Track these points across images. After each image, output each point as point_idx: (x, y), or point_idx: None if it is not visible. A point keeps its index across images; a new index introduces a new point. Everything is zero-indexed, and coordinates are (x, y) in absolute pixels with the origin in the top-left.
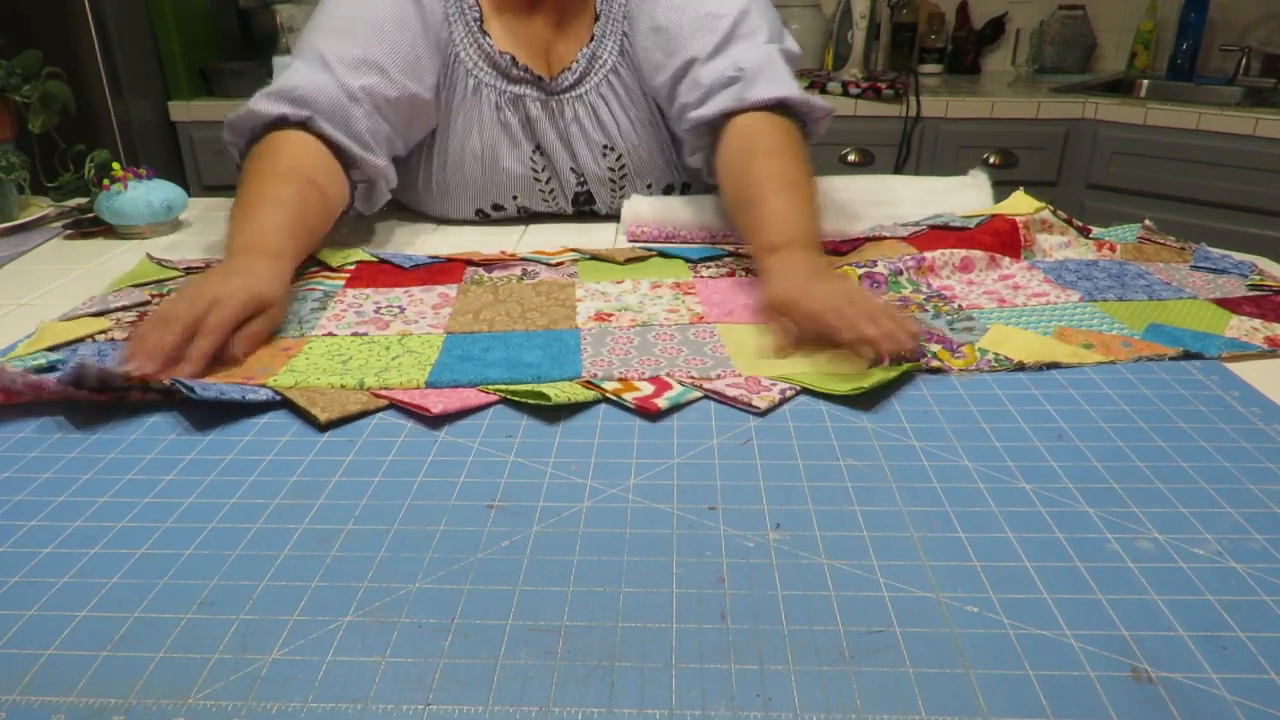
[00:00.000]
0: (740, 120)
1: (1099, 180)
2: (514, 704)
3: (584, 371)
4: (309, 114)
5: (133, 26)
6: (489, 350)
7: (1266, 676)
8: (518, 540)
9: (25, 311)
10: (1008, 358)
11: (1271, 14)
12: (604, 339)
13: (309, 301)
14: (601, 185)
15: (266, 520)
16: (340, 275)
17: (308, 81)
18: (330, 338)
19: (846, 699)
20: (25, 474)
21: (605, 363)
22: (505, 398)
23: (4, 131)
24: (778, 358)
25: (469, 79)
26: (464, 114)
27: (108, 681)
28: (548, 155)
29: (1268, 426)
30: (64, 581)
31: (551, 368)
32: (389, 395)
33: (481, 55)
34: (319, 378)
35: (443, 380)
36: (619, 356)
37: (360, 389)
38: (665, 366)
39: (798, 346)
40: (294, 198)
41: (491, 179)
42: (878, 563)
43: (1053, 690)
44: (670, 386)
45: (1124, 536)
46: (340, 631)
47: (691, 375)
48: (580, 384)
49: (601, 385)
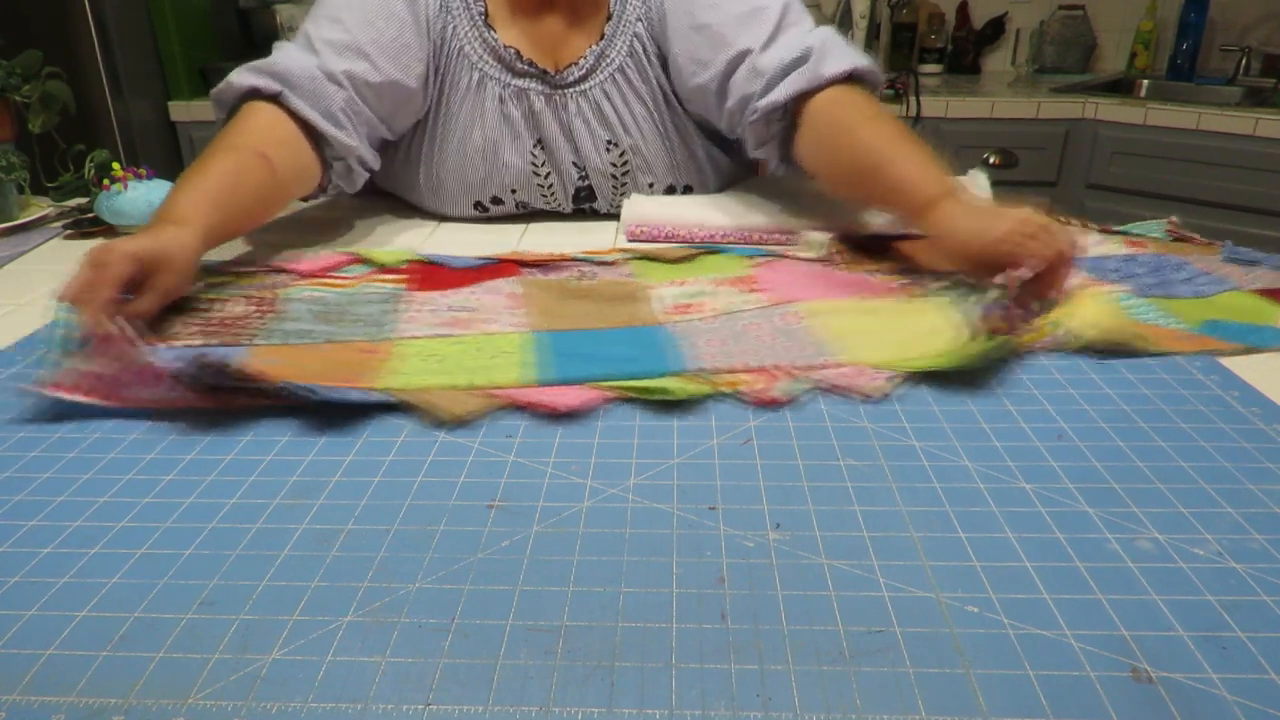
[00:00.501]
0: (820, 98)
1: (1099, 180)
2: (514, 704)
3: (689, 365)
4: (280, 89)
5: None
6: (581, 347)
7: (1266, 677)
8: (518, 540)
9: (25, 311)
10: (1077, 334)
11: (1271, 14)
12: (692, 331)
13: (375, 304)
14: (604, 180)
15: (266, 520)
16: (396, 276)
17: (288, 59)
18: (414, 340)
19: (846, 699)
20: (25, 474)
21: (708, 355)
22: (622, 394)
23: (4, 131)
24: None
25: (473, 73)
26: (466, 108)
27: (108, 681)
28: (549, 149)
29: (1268, 426)
30: (64, 581)
31: (655, 362)
32: (508, 395)
33: (486, 49)
34: (423, 378)
35: (554, 379)
36: (716, 347)
37: (471, 389)
38: (767, 356)
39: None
40: (232, 168)
41: (492, 173)
42: (878, 563)
43: (1053, 690)
44: (778, 378)
45: (1124, 536)
46: (340, 631)
47: (795, 366)
48: (689, 378)
49: (712, 380)
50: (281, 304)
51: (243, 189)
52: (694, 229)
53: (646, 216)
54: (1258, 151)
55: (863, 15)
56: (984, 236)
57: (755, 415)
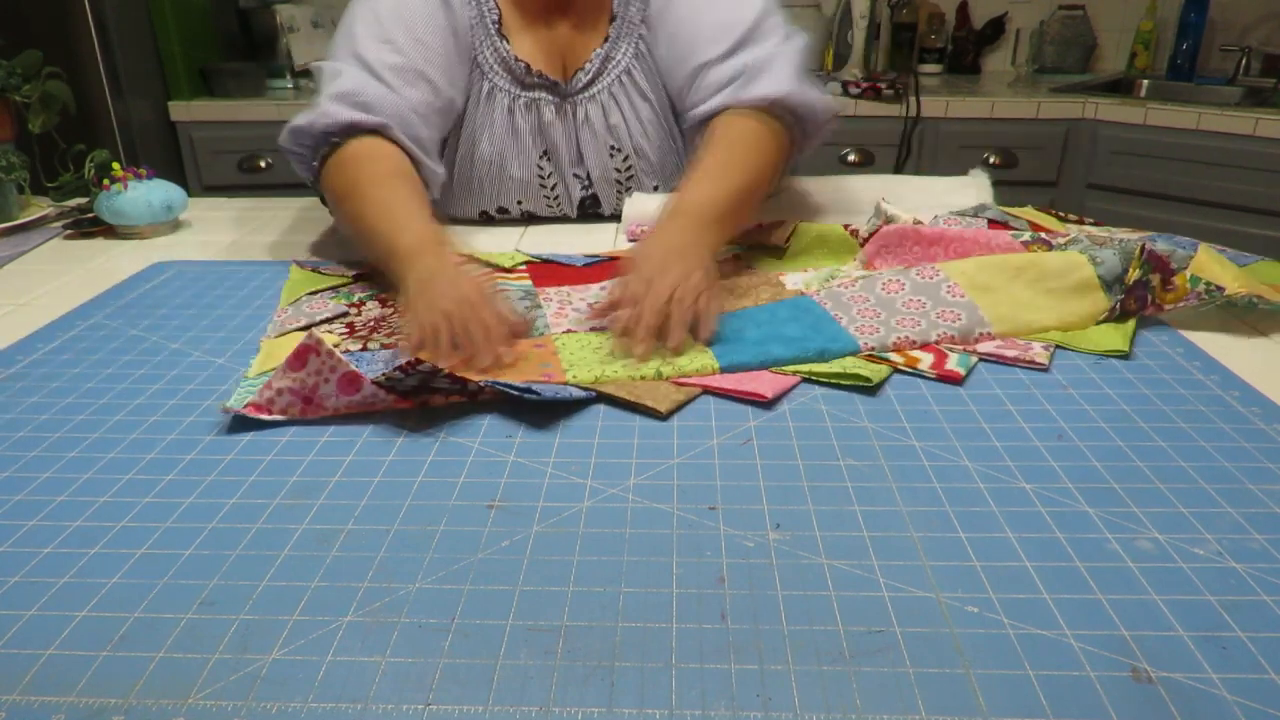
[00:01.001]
0: (724, 115)
1: (1099, 180)
2: (514, 704)
3: (860, 343)
4: (382, 120)
5: (133, 26)
6: (742, 330)
7: (1266, 676)
8: (518, 540)
9: (25, 311)
10: (1217, 287)
11: (1271, 14)
12: (839, 301)
13: (518, 302)
14: (609, 187)
15: (266, 520)
16: (519, 275)
17: (367, 89)
18: (571, 334)
19: (846, 699)
20: (25, 474)
21: (869, 329)
22: (808, 377)
23: (4, 131)
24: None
25: (484, 83)
26: (476, 118)
27: (108, 681)
28: (555, 160)
29: (1268, 426)
30: (64, 581)
31: (828, 339)
32: (703, 383)
33: (498, 60)
34: (601, 369)
35: (733, 364)
36: (870, 319)
37: (659, 378)
38: (926, 329)
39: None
40: (417, 196)
41: (498, 184)
42: (878, 563)
43: (1053, 690)
44: (948, 355)
45: (1124, 536)
46: (340, 631)
47: (956, 341)
48: (864, 358)
49: (888, 358)
50: None
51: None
52: None
53: (646, 216)
54: (1258, 151)
55: (863, 15)
56: (640, 270)
57: (755, 415)
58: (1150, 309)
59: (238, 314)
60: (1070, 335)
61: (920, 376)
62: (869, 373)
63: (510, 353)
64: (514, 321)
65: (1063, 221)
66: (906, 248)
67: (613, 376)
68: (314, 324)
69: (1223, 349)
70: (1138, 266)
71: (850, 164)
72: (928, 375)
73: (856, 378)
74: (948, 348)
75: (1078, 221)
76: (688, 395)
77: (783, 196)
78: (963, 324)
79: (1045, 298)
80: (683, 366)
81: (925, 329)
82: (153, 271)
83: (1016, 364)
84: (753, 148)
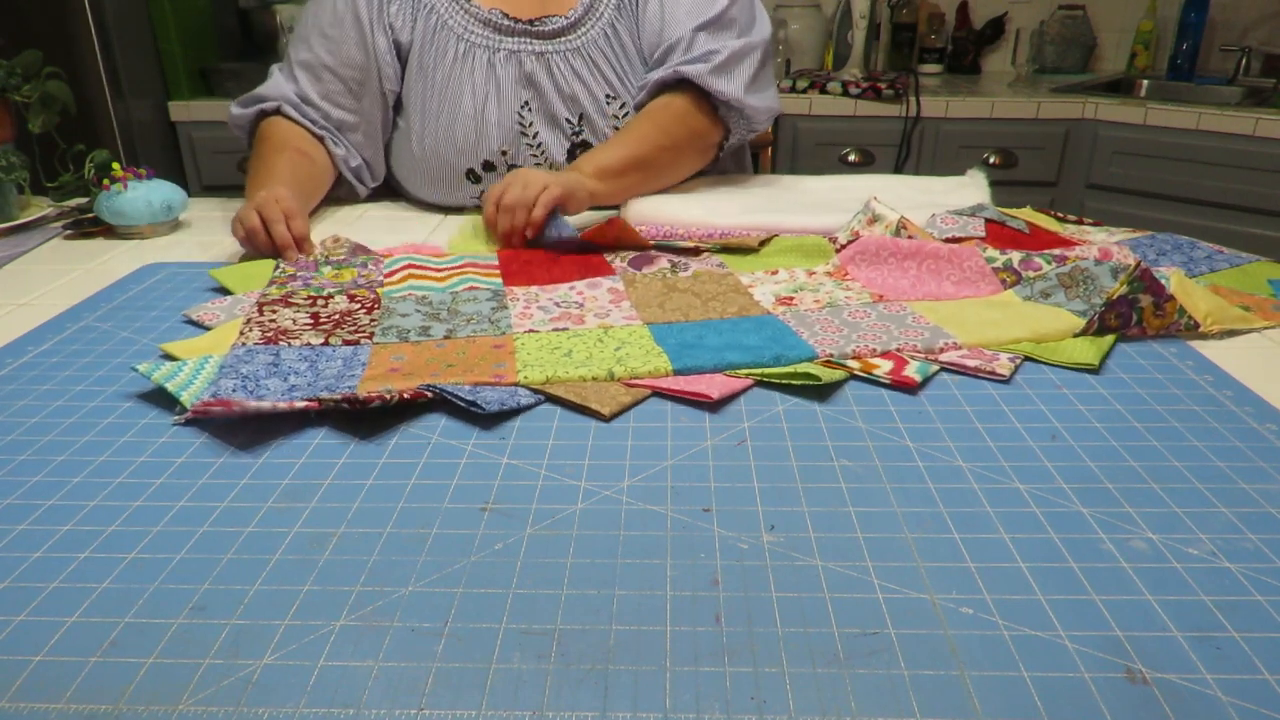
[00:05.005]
0: (667, 97)
1: (1099, 180)
2: (507, 708)
3: (819, 351)
4: (279, 104)
5: (133, 26)
6: (703, 338)
7: (1260, 677)
8: (511, 543)
9: (25, 311)
10: (1193, 320)
11: (1271, 14)
12: (805, 321)
13: (481, 302)
14: (604, 136)
15: (258, 524)
16: (491, 270)
17: (274, 89)
18: (534, 334)
19: (841, 701)
20: (14, 477)
21: (830, 341)
22: (761, 380)
23: (4, 131)
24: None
25: (458, 45)
26: (455, 79)
27: (98, 688)
28: (541, 108)
29: (1261, 426)
30: (54, 586)
31: (786, 347)
32: (653, 384)
33: (469, 18)
34: (555, 370)
35: (687, 367)
36: (833, 333)
37: (610, 379)
38: (887, 341)
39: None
40: (286, 162)
41: (480, 135)
42: (872, 564)
43: (1047, 692)
44: (907, 362)
45: (1118, 537)
46: (332, 636)
47: (918, 350)
48: (822, 364)
49: (845, 364)
50: (388, 302)
51: (299, 173)
52: (693, 227)
53: (645, 216)
54: (1258, 151)
55: (863, 15)
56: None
57: (750, 417)
58: (1134, 330)
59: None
60: (1042, 347)
61: (875, 383)
62: (820, 374)
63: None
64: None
65: (1061, 222)
66: (882, 258)
67: (563, 377)
68: (263, 303)
69: (1216, 349)
70: (1125, 283)
71: (850, 164)
72: (882, 382)
73: (808, 376)
74: (909, 355)
75: (1077, 222)
76: (634, 397)
77: (780, 195)
78: (926, 339)
79: (1017, 319)
80: (635, 368)
81: (887, 341)
82: (144, 273)
83: (978, 374)
84: (661, 124)
